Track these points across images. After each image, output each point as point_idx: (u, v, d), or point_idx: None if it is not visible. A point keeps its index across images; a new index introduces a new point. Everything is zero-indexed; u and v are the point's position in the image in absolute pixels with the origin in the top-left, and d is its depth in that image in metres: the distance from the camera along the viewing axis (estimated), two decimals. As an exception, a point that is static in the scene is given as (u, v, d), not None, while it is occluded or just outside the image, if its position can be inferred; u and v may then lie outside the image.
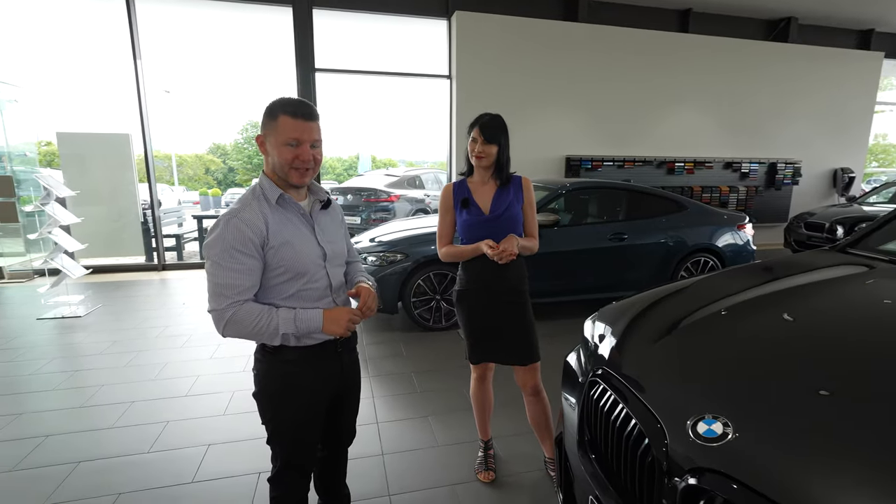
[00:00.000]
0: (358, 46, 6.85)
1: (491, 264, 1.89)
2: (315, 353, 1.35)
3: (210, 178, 32.54)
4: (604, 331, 1.58)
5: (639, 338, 1.45)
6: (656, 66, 7.38)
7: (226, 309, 1.21)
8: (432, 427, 2.53)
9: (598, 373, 1.35)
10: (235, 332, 1.24)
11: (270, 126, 1.25)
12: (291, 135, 1.23)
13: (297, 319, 1.26)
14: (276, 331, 1.24)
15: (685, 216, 4.58)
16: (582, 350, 1.71)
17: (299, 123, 1.24)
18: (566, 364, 1.75)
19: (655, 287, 1.87)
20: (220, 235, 1.22)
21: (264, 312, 1.24)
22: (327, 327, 1.29)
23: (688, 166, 7.80)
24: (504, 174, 1.93)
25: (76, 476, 2.11)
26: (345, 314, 1.32)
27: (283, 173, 1.27)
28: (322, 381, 1.38)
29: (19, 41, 6.46)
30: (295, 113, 1.24)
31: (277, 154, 1.25)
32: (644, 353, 1.34)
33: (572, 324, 4.21)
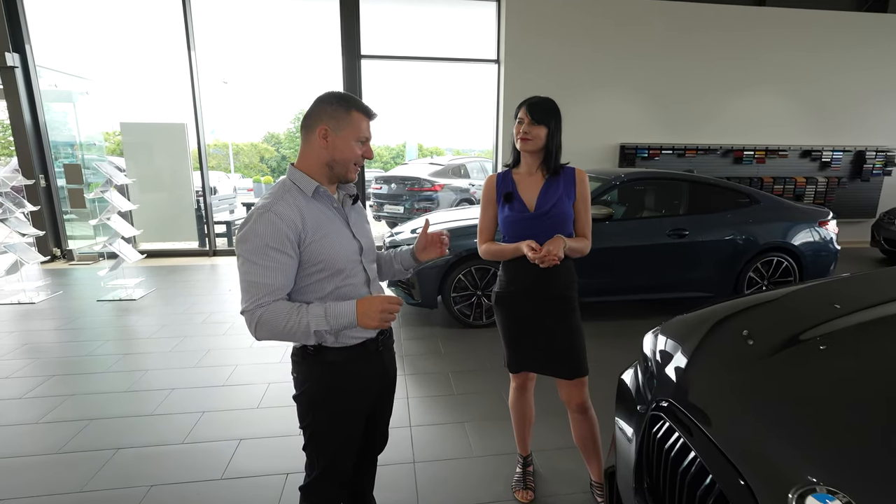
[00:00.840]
0: (404, 32, 6.69)
1: (534, 266, 1.69)
2: (357, 352, 1.26)
3: (264, 165, 33.87)
4: (669, 350, 1.34)
5: (715, 365, 1.20)
6: (724, 44, 6.72)
7: (254, 310, 1.12)
8: (468, 435, 2.38)
9: (663, 405, 1.13)
10: (268, 334, 1.14)
11: (343, 120, 1.19)
12: (366, 133, 1.22)
13: (329, 315, 1.14)
14: (308, 328, 1.12)
15: (756, 211, 4.12)
16: (640, 369, 1.48)
17: (368, 123, 1.24)
18: (621, 384, 1.53)
19: (724, 295, 1.60)
20: (252, 230, 1.12)
21: (293, 310, 1.13)
22: (362, 320, 1.16)
23: (758, 155, 7.10)
24: (553, 163, 1.70)
25: (113, 464, 2.13)
26: (377, 303, 1.16)
27: (342, 169, 1.23)
28: (365, 383, 1.30)
29: (88, 36, 6.82)
30: (368, 112, 1.23)
31: (347, 149, 1.20)
32: (723, 387, 1.11)
33: (622, 326, 3.91)
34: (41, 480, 2.02)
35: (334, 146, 1.19)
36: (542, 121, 1.65)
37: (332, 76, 6.41)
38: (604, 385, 2.61)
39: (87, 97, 7.30)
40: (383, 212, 8.52)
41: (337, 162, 1.20)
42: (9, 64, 5.62)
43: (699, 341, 1.31)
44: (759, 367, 1.12)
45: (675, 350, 1.32)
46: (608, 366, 3.08)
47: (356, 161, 1.23)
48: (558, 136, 1.70)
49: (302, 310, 1.13)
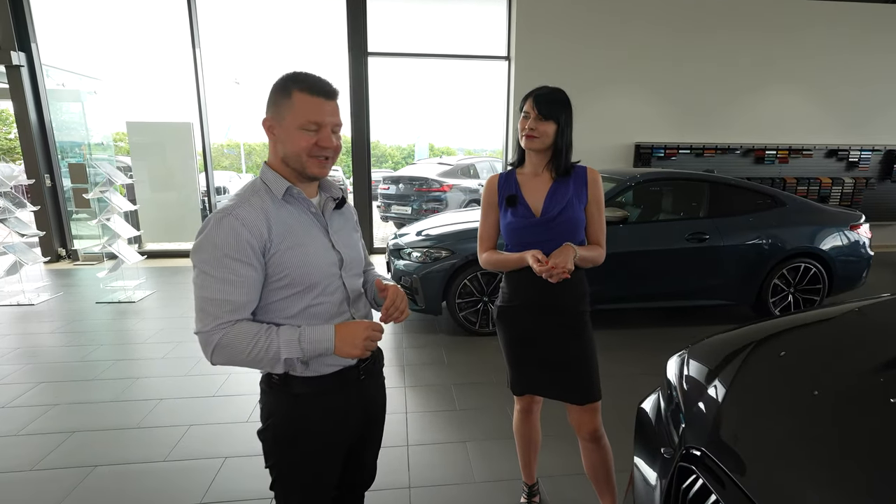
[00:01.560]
0: (412, 29, 6.53)
1: (540, 278, 1.50)
2: (332, 383, 1.07)
3: (276, 165, 33.95)
4: (699, 378, 1.15)
5: (758, 402, 1.01)
6: (745, 39, 6.43)
7: (212, 331, 0.95)
8: (470, 456, 2.20)
9: (694, 454, 0.94)
10: (226, 360, 0.97)
11: (283, 106, 0.98)
12: (311, 117, 0.98)
13: (303, 340, 0.97)
14: (278, 356, 0.96)
15: (782, 213, 3.86)
16: (663, 399, 1.29)
17: (319, 102, 0.99)
18: (641, 415, 1.33)
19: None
20: (208, 238, 0.95)
21: (261, 333, 0.96)
22: (340, 348, 0.99)
23: (781, 154, 6.78)
24: (563, 163, 1.51)
25: (86, 484, 1.99)
26: (361, 329, 1.01)
27: (298, 164, 1.01)
28: (342, 419, 1.11)
29: (96, 35, 6.78)
30: (313, 89, 0.98)
31: (292, 140, 0.99)
32: (769, 433, 0.91)
33: (636, 336, 3.69)
34: (7, 502, 1.89)
35: (281, 139, 1.00)
36: (550, 115, 1.46)
37: (339, 74, 6.29)
38: (616, 403, 2.42)
39: (95, 97, 7.28)
40: (391, 213, 8.37)
41: (289, 157, 1.01)
42: (14, 63, 5.59)
43: (736, 371, 1.11)
44: (816, 410, 0.92)
45: (707, 380, 1.13)
46: (621, 382, 2.88)
47: (310, 153, 0.99)
48: (569, 133, 1.51)
49: (272, 334, 0.96)
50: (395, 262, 3.85)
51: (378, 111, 6.53)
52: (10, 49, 5.57)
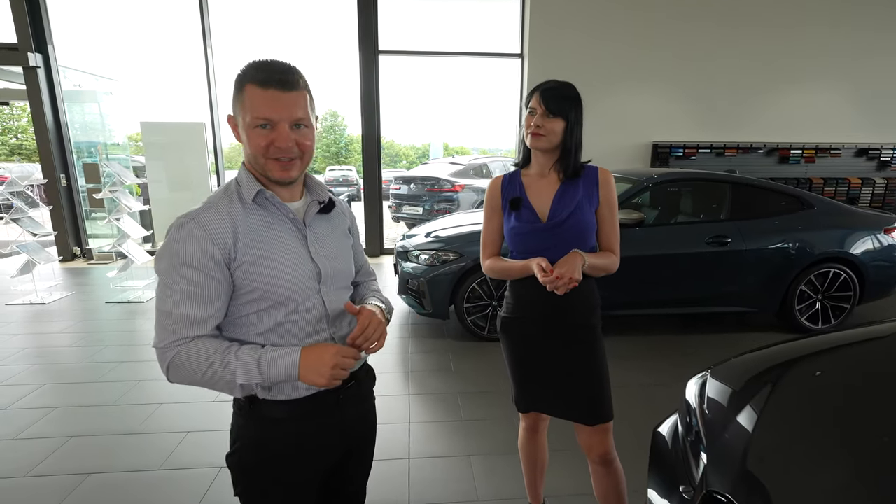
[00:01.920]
0: (424, 27, 6.44)
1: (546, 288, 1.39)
2: (307, 408, 0.96)
3: (292, 165, 34.30)
4: (723, 403, 1.02)
5: (795, 439, 0.88)
6: (768, 33, 6.16)
7: (167, 348, 0.86)
8: (473, 472, 2.09)
9: (718, 499, 0.81)
10: (182, 379, 0.88)
11: (238, 101, 0.88)
12: (261, 112, 0.86)
13: (263, 364, 0.86)
14: (234, 380, 0.86)
15: (810, 216, 3.66)
16: (681, 424, 1.16)
17: (272, 95, 0.86)
18: (656, 440, 1.21)
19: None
20: (167, 245, 0.87)
21: (218, 353, 0.86)
22: (304, 375, 0.88)
23: (807, 153, 6.50)
24: (572, 164, 1.39)
25: (79, 493, 1.94)
26: (329, 356, 0.88)
27: (258, 167, 0.91)
28: (316, 447, 1.00)
29: (112, 36, 6.85)
30: (266, 81, 0.86)
31: (248, 140, 0.89)
32: (810, 481, 0.78)
33: (652, 343, 3.53)
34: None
35: (242, 139, 0.90)
36: (558, 111, 1.34)
37: (351, 73, 6.23)
38: (629, 416, 2.29)
39: (110, 97, 7.36)
40: (402, 213, 8.30)
41: (250, 159, 0.91)
42: (31, 64, 5.66)
43: (766, 400, 0.98)
44: (872, 454, 0.79)
45: (732, 409, 1.00)
46: (635, 393, 2.73)
47: (266, 154, 0.88)
48: (578, 131, 1.39)
49: (230, 355, 0.86)
50: (403, 265, 3.76)
51: (393, 111, 6.47)
52: (28, 50, 5.64)
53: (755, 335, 3.69)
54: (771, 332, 3.72)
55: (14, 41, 5.65)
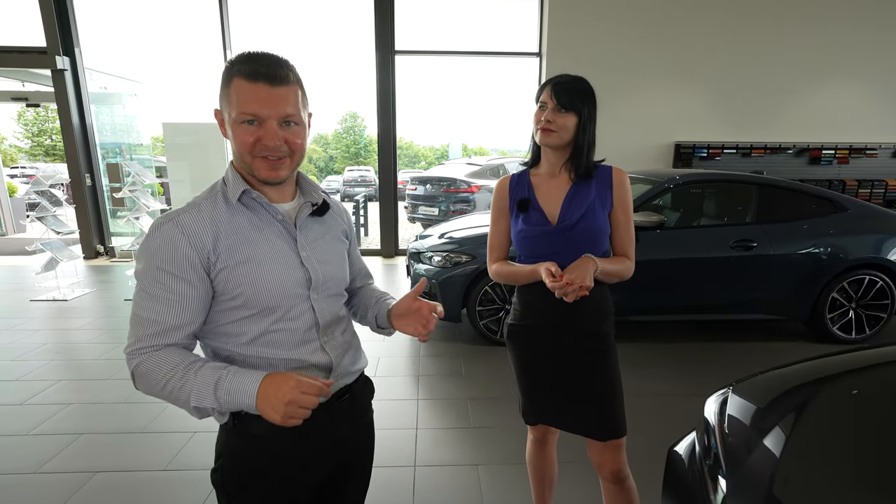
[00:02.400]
0: (441, 27, 6.40)
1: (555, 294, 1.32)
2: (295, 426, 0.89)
3: (312, 166, 34.80)
4: (746, 423, 0.93)
5: (826, 464, 0.79)
6: (800, 28, 5.91)
7: (132, 354, 0.80)
8: (481, 482, 2.02)
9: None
10: (147, 389, 0.81)
11: (226, 95, 0.83)
12: (247, 108, 0.81)
13: (220, 388, 0.78)
14: (188, 401, 0.78)
15: (843, 219, 3.47)
16: (699, 445, 1.07)
17: (260, 89, 0.80)
18: (672, 460, 1.13)
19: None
20: (144, 246, 0.82)
21: (179, 368, 0.79)
22: (261, 406, 0.77)
23: (840, 154, 6.21)
24: (584, 163, 1.31)
25: (85, 491, 1.94)
26: (286, 388, 0.76)
27: (245, 165, 0.86)
28: (304, 465, 0.94)
29: (136, 40, 7.02)
30: (254, 74, 0.80)
31: (234, 136, 0.83)
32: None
33: (669, 351, 3.40)
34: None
35: (229, 134, 0.85)
36: (570, 106, 1.26)
37: (367, 73, 6.23)
38: (644, 428, 2.19)
39: (135, 99, 7.54)
40: (418, 213, 8.27)
41: (237, 156, 0.86)
42: (59, 67, 5.82)
43: (794, 422, 0.89)
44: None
45: (756, 431, 0.91)
46: (650, 402, 2.59)
47: (253, 152, 0.83)
48: (592, 128, 1.31)
49: (189, 372, 0.79)
50: (415, 266, 3.71)
51: (413, 112, 6.48)
52: (56, 54, 5.80)
53: (781, 344, 3.51)
54: (799, 342, 3.54)
55: (43, 45, 5.82)
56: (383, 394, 2.76)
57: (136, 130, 7.48)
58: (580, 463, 2.03)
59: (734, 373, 1.26)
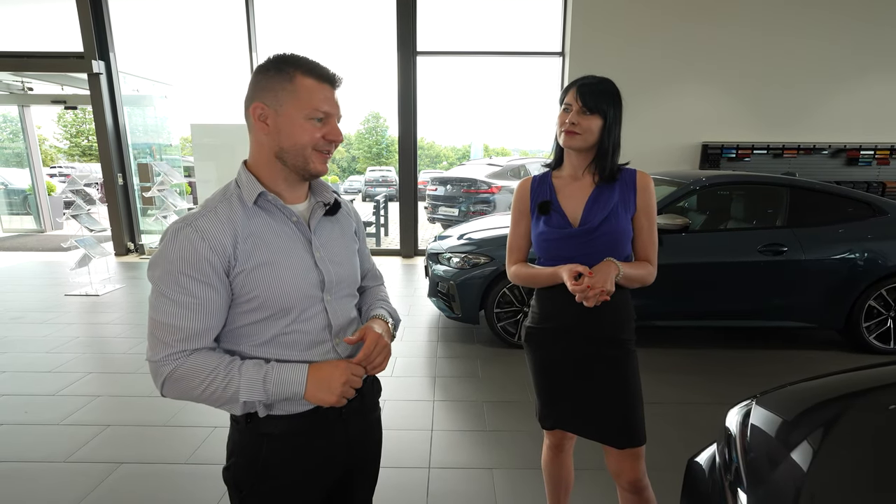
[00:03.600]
0: (463, 27, 6.40)
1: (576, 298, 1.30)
2: (305, 424, 0.92)
3: (335, 166, 35.26)
4: (769, 442, 0.89)
5: (860, 485, 0.75)
6: (833, 21, 5.67)
7: (163, 362, 0.82)
8: (495, 487, 2.00)
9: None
10: (178, 394, 0.84)
11: (283, 91, 0.84)
12: (320, 105, 0.86)
13: (268, 381, 0.83)
14: (236, 397, 0.82)
15: (882, 224, 3.31)
16: (720, 458, 1.03)
17: (327, 91, 0.88)
18: (692, 471, 1.09)
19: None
20: (163, 252, 0.83)
21: (220, 368, 0.82)
22: (312, 393, 0.85)
23: (879, 154, 5.93)
24: (608, 166, 1.29)
25: (110, 482, 2.00)
26: (339, 372, 0.87)
27: (300, 160, 0.88)
28: (316, 464, 0.95)
29: (166, 43, 7.24)
30: (323, 76, 0.87)
31: (295, 132, 0.86)
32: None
33: (691, 357, 3.30)
34: (39, 493, 1.94)
35: (278, 129, 0.85)
36: (596, 108, 1.24)
37: (388, 73, 6.27)
38: (664, 436, 2.14)
39: (165, 101, 7.78)
40: (438, 214, 8.28)
41: (287, 151, 0.87)
42: (95, 71, 6.05)
43: (822, 438, 0.85)
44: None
45: (781, 446, 0.87)
46: (670, 410, 2.52)
47: (316, 146, 0.87)
48: (617, 131, 1.28)
49: (233, 370, 0.82)
50: (433, 267, 3.71)
51: (435, 112, 6.51)
52: (92, 58, 6.03)
53: (813, 353, 3.38)
54: (833, 351, 3.39)
55: (80, 50, 6.06)
56: (399, 394, 2.77)
57: (167, 131, 7.72)
58: (597, 470, 1.99)
59: (760, 383, 1.21)
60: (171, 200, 4.63)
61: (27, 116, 8.75)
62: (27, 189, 9.41)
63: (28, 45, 6.32)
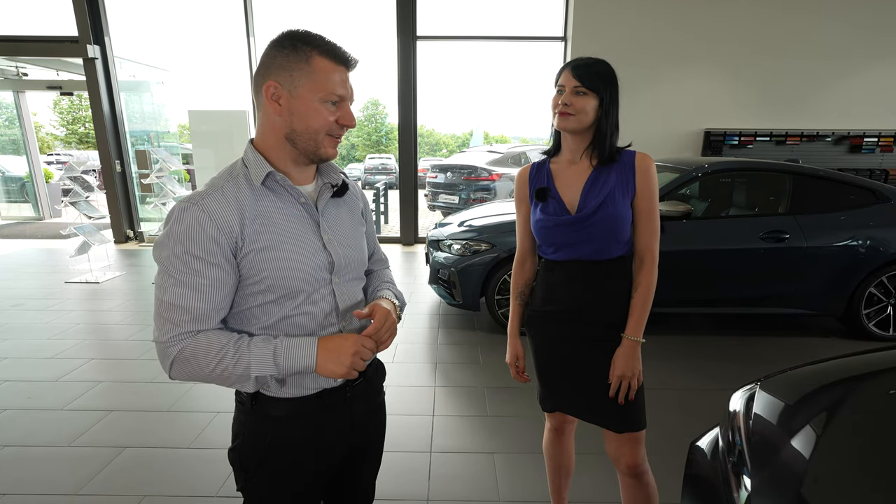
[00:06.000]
0: (463, 11, 6.29)
1: (579, 283, 1.30)
2: (311, 407, 0.92)
3: (334, 153, 35.02)
4: (772, 426, 0.90)
5: (862, 468, 0.75)
6: (839, 5, 5.58)
7: (171, 342, 0.80)
8: (496, 470, 2.02)
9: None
10: (187, 375, 0.82)
11: (299, 71, 0.81)
12: (336, 89, 0.83)
13: (278, 355, 0.82)
14: (248, 373, 0.81)
15: (885, 211, 3.29)
16: (723, 442, 1.04)
17: (343, 73, 0.85)
18: (694, 456, 1.09)
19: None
20: (170, 232, 0.81)
21: (230, 345, 0.81)
22: (323, 366, 0.84)
23: (883, 142, 5.89)
24: (606, 148, 1.26)
25: (115, 465, 2.02)
26: (349, 344, 0.85)
27: (311, 143, 0.86)
28: (321, 446, 0.95)
29: (163, 27, 7.14)
30: (339, 57, 0.84)
31: (308, 115, 0.83)
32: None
33: (689, 343, 3.32)
34: (43, 477, 1.95)
35: (291, 111, 0.83)
36: (590, 88, 1.21)
37: (388, 59, 6.19)
38: (662, 422, 2.16)
39: (162, 87, 7.69)
40: (438, 201, 8.25)
41: (299, 134, 0.84)
42: (90, 56, 5.96)
43: (826, 421, 0.85)
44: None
45: (785, 429, 0.87)
46: (669, 397, 2.54)
47: (329, 131, 0.85)
48: (614, 113, 1.25)
49: (241, 347, 0.81)
50: (434, 254, 3.70)
51: (435, 99, 6.43)
52: (87, 42, 5.94)
53: (813, 340, 3.39)
54: (832, 338, 3.41)
55: (75, 34, 5.96)
56: (401, 380, 2.78)
57: (164, 118, 7.64)
58: (599, 455, 2.01)
59: (761, 368, 1.21)
60: (170, 187, 4.60)
61: (23, 102, 8.65)
62: (24, 176, 9.36)
63: (22, 30, 6.22)
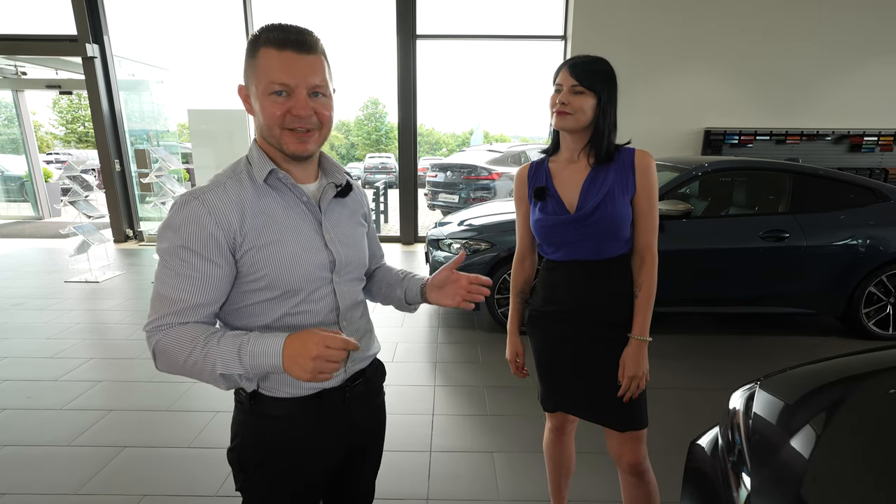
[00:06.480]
0: (463, 11, 6.29)
1: (581, 282, 1.30)
2: (309, 407, 0.91)
3: (334, 153, 35.05)
4: (772, 426, 0.90)
5: (863, 467, 0.75)
6: (840, 6, 5.58)
7: (153, 332, 0.79)
8: (496, 469, 2.02)
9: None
10: (168, 367, 0.80)
11: (250, 67, 0.81)
12: (277, 77, 0.78)
13: (243, 353, 0.76)
14: (214, 369, 0.77)
15: (885, 210, 3.29)
16: (722, 441, 1.04)
17: (289, 58, 0.78)
18: (694, 454, 1.09)
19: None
20: (168, 223, 0.81)
21: (198, 340, 0.77)
22: (289, 367, 0.74)
23: (883, 141, 5.89)
24: (604, 147, 1.26)
25: (115, 464, 2.02)
26: (311, 344, 0.73)
27: (272, 138, 0.84)
28: (320, 447, 0.95)
29: (162, 26, 7.12)
30: (283, 42, 0.78)
31: (262, 110, 0.81)
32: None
33: (690, 343, 3.32)
34: (43, 476, 1.95)
35: (256, 110, 0.83)
36: (588, 87, 1.20)
37: (388, 58, 6.17)
38: (662, 422, 2.16)
39: (161, 86, 7.68)
40: (438, 201, 8.25)
41: (265, 131, 0.84)
42: (89, 55, 5.95)
43: (826, 421, 0.84)
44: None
45: (785, 429, 0.87)
46: (670, 396, 2.55)
47: (283, 124, 0.81)
48: (612, 111, 1.25)
49: (211, 341, 0.77)
50: (434, 253, 3.70)
51: (435, 99, 6.42)
52: (86, 41, 5.93)
53: (812, 339, 3.39)
54: (832, 337, 3.41)
55: (74, 33, 5.95)
56: (401, 379, 2.78)
57: (164, 117, 7.63)
58: (599, 454, 2.01)
59: (761, 368, 1.21)
60: (169, 186, 4.60)
61: (22, 102, 8.64)
62: (24, 176, 9.35)
63: (21, 28, 6.21)
